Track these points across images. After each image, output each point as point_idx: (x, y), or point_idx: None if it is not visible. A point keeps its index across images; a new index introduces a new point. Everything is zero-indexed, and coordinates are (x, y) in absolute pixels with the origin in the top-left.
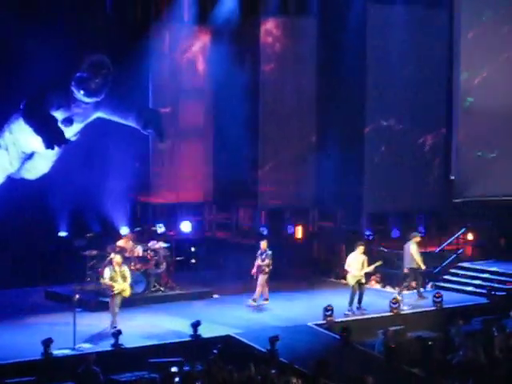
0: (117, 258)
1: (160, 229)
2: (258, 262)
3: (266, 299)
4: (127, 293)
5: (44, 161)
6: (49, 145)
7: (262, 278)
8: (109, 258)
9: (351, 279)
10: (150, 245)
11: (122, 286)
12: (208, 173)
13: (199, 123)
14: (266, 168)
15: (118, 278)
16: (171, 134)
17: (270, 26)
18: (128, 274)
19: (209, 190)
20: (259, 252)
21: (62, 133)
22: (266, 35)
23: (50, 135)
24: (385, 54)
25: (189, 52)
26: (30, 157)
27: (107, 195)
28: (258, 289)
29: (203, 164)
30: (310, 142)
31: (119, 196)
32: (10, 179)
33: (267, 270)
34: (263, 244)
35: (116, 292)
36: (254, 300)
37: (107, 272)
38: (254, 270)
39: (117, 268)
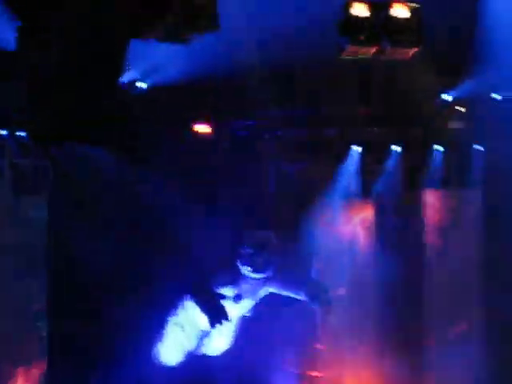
0: None
1: None
2: None
3: None
4: None
5: (221, 337)
6: (212, 323)
7: None
8: None
9: None
10: None
11: None
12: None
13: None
14: None
15: None
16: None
17: (432, 199)
18: None
19: None
20: None
21: (224, 311)
22: (429, 207)
23: (213, 313)
24: None
25: (352, 224)
26: (207, 334)
27: (273, 371)
28: None
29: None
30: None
31: (284, 371)
32: (190, 355)
33: None
34: None
35: None
36: None
37: None
38: None
39: None
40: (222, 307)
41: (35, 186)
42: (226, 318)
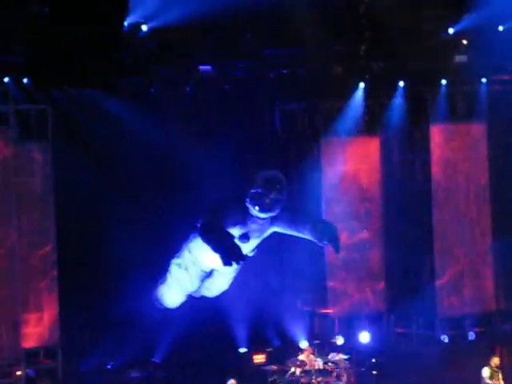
0: (495, 361)
1: (339, 340)
2: None
3: None
4: None
5: (223, 278)
6: (227, 262)
7: None
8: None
9: None
10: (330, 357)
11: None
12: (384, 281)
13: (370, 230)
14: (444, 275)
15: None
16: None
17: (439, 133)
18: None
19: (386, 300)
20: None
21: (239, 250)
22: (436, 142)
23: (228, 252)
24: None
25: (358, 162)
26: (209, 275)
27: (285, 309)
28: None
29: (376, 273)
30: (486, 244)
31: (297, 309)
32: (190, 297)
33: None
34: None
35: None
36: None
37: (487, 372)
38: None
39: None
40: (237, 246)
41: (40, 131)
42: (242, 257)
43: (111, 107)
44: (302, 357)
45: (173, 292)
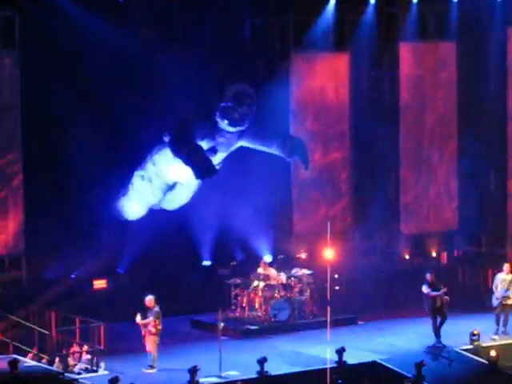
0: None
1: (303, 256)
2: (139, 321)
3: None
4: None
5: (185, 191)
6: (199, 175)
7: (149, 341)
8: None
9: (494, 301)
10: (293, 272)
11: None
12: (350, 199)
13: (338, 148)
14: (409, 194)
15: None
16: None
17: (408, 51)
18: None
19: (351, 217)
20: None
21: (211, 163)
22: (405, 60)
23: (201, 166)
24: None
25: (327, 77)
26: (171, 187)
27: (250, 223)
28: (153, 354)
29: (343, 191)
30: (451, 166)
31: (262, 224)
32: (151, 210)
33: (154, 330)
34: (149, 301)
35: None
36: (152, 367)
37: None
38: (143, 332)
39: None
40: (209, 159)
41: (7, 39)
42: (214, 170)
43: (78, 14)
44: (259, 270)
45: (134, 204)
